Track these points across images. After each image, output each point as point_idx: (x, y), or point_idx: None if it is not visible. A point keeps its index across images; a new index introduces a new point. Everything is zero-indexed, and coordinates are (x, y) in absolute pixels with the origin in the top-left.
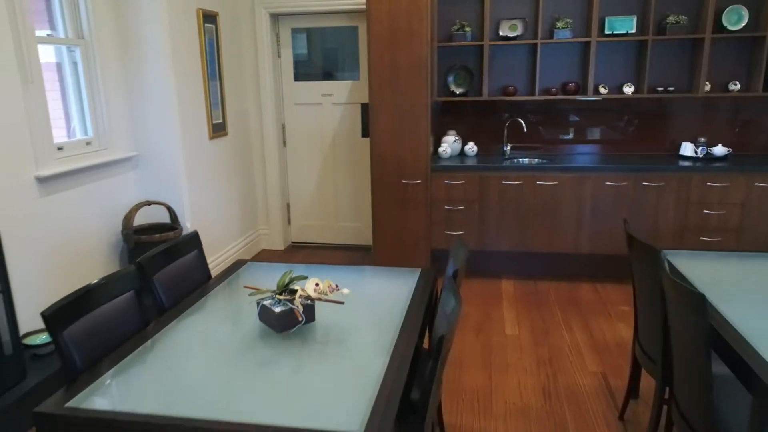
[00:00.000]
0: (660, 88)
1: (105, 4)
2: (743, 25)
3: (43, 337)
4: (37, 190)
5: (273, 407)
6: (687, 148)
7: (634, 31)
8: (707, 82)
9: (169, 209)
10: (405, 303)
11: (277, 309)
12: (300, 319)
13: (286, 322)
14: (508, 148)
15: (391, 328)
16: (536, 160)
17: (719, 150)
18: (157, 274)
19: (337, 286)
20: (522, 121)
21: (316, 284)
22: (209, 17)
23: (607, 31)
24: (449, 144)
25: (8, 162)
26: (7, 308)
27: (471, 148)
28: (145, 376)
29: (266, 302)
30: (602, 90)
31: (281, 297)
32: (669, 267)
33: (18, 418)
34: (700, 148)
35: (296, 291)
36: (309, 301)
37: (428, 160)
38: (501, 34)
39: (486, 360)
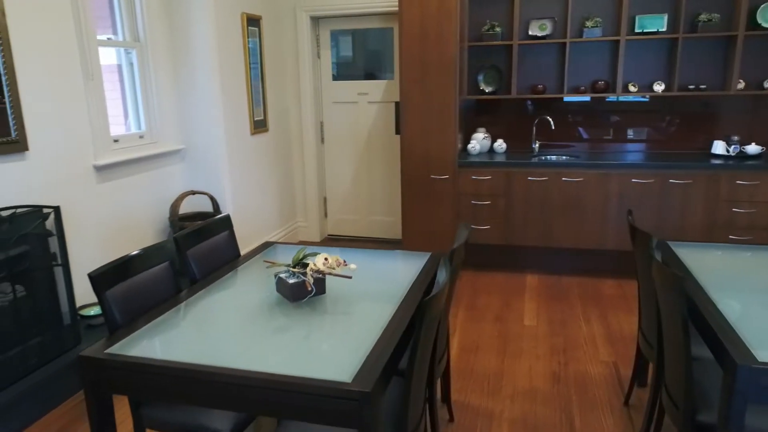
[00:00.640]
0: (691, 87)
1: (159, 11)
2: None
3: (97, 309)
4: (94, 177)
5: (282, 362)
6: (718, 147)
7: (665, 29)
8: (741, 80)
9: (212, 199)
10: (410, 281)
11: (291, 281)
12: (309, 289)
13: (298, 292)
14: (537, 145)
15: (392, 303)
16: (564, 157)
17: (752, 148)
18: (190, 249)
19: (345, 261)
20: (550, 119)
21: (325, 259)
22: (253, 21)
23: (637, 30)
24: (478, 141)
25: (71, 151)
26: (66, 281)
27: (500, 145)
28: (176, 332)
29: (282, 275)
30: (632, 88)
31: (295, 270)
32: (672, 257)
33: (72, 378)
34: (733, 146)
35: (308, 265)
36: (320, 275)
37: (456, 156)
38: (530, 33)
39: (501, 347)
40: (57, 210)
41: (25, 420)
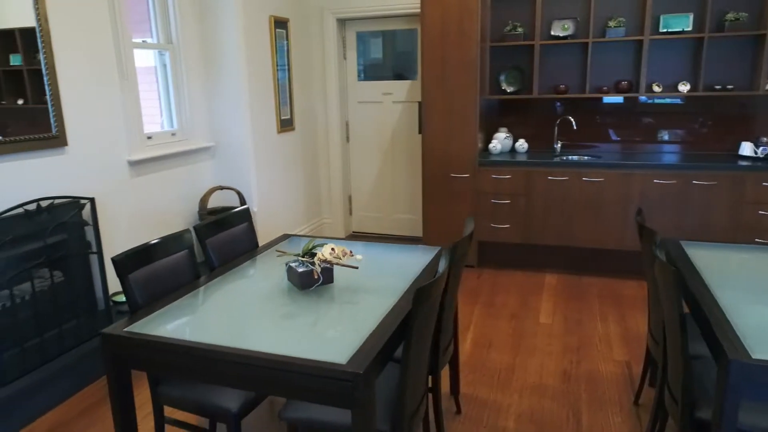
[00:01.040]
0: (718, 87)
1: (191, 14)
2: None
3: None
4: (128, 171)
5: (286, 344)
6: (746, 148)
7: (690, 28)
8: None
9: (239, 194)
10: (416, 274)
11: (300, 269)
12: (316, 278)
13: (307, 280)
14: (559, 145)
15: (395, 293)
16: (586, 157)
17: None
18: (209, 239)
19: (351, 252)
20: (572, 119)
21: (332, 249)
22: (280, 23)
23: (662, 29)
24: (500, 140)
25: (106, 147)
26: (100, 269)
27: (522, 144)
28: (191, 314)
29: (293, 264)
30: (656, 88)
31: (303, 259)
32: (682, 256)
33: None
34: (761, 148)
35: (316, 255)
36: (328, 265)
37: (476, 155)
38: (552, 33)
39: (515, 343)
40: (92, 201)
41: (60, 396)
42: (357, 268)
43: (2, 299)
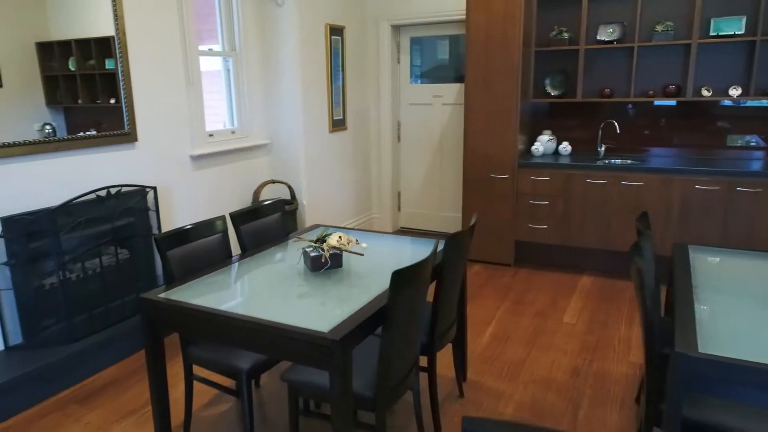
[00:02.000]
0: None
1: (252, 23)
2: None
3: None
4: (190, 165)
5: (291, 315)
6: None
7: (742, 31)
8: None
9: (290, 187)
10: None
11: (313, 254)
12: (323, 261)
13: (316, 264)
14: (603, 149)
15: None
16: (629, 161)
17: None
18: (243, 225)
19: (357, 240)
20: (615, 123)
21: (339, 237)
22: (336, 30)
23: (712, 33)
24: (542, 143)
25: (172, 143)
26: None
27: (565, 147)
28: (217, 287)
29: (308, 249)
30: (705, 92)
31: (315, 245)
32: (683, 260)
33: None
34: None
35: (325, 242)
36: (337, 251)
37: (516, 157)
38: (598, 38)
39: (532, 339)
40: (155, 190)
41: (119, 355)
42: (362, 255)
43: (76, 271)
